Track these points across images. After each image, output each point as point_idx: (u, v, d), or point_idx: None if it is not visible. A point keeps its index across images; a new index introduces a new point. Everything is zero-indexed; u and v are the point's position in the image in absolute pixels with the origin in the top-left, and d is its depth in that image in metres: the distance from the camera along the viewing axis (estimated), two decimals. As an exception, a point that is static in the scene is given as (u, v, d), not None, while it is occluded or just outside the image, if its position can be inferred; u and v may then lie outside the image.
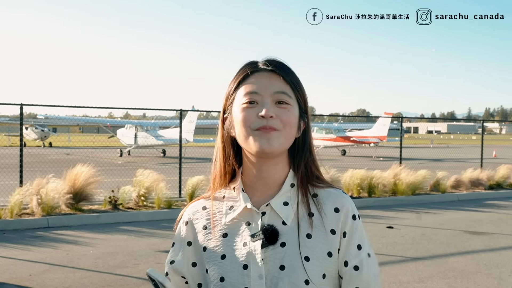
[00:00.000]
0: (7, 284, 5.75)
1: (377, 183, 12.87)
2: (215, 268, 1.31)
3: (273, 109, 1.28)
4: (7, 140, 36.03)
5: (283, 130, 1.28)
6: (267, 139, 1.26)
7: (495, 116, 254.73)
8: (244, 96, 1.31)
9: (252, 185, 1.35)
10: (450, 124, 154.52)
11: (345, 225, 1.30)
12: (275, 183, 1.34)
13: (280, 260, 1.27)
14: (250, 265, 1.27)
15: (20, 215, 9.26)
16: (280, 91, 1.30)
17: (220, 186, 1.40)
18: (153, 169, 11.55)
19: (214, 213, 1.37)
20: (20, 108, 10.64)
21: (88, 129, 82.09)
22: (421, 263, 6.80)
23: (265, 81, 1.31)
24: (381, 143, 33.41)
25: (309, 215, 1.30)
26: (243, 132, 1.29)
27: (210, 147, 15.66)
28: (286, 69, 1.34)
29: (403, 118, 20.07)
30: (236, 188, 1.37)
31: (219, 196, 1.40)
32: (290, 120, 1.29)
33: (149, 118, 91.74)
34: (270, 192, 1.33)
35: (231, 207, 1.36)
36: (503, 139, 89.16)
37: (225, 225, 1.34)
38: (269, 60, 1.34)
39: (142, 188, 10.64)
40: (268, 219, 1.30)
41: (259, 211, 1.31)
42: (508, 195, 14.28)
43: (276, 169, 1.34)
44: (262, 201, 1.33)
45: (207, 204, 1.41)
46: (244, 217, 1.33)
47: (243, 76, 1.34)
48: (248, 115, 1.28)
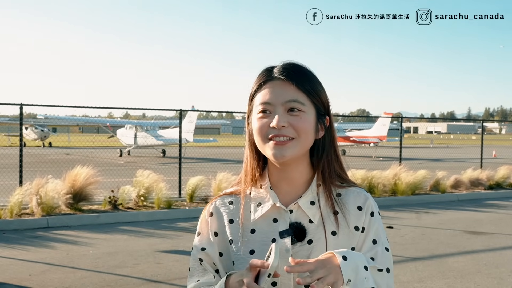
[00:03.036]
0: (7, 284, 5.75)
1: (377, 183, 12.89)
2: (243, 262, 1.36)
3: (285, 118, 1.32)
4: (7, 140, 36.03)
5: (298, 138, 1.33)
6: (281, 150, 1.32)
7: (495, 116, 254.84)
8: (259, 106, 1.36)
9: (277, 184, 1.41)
10: (450, 124, 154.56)
11: (365, 221, 1.38)
12: (299, 183, 1.40)
13: (307, 256, 1.33)
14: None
15: (20, 215, 9.26)
16: (291, 100, 1.34)
17: (249, 184, 1.45)
18: (153, 169, 11.56)
19: (243, 210, 1.43)
20: (20, 108, 10.64)
21: (88, 129, 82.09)
22: (421, 263, 6.80)
23: (278, 90, 1.35)
24: (381, 143, 33.39)
25: (334, 214, 1.37)
26: (259, 141, 1.36)
27: (210, 147, 15.75)
28: (300, 76, 1.36)
29: (403, 118, 20.07)
30: (263, 186, 1.42)
31: (247, 194, 1.45)
32: (304, 127, 1.33)
33: (149, 118, 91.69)
34: (295, 191, 1.40)
35: (259, 204, 1.41)
36: (503, 139, 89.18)
37: (253, 221, 1.40)
38: (284, 67, 1.37)
39: (142, 188, 10.64)
40: (295, 217, 1.37)
41: (287, 209, 1.38)
42: (508, 195, 14.28)
43: (300, 170, 1.40)
44: (288, 200, 1.39)
45: (233, 199, 1.46)
46: (271, 215, 1.39)
47: (258, 85, 1.39)
48: (262, 126, 1.34)
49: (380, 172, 13.32)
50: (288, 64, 1.38)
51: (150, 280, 5.97)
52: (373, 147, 34.03)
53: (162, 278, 6.03)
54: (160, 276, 6.08)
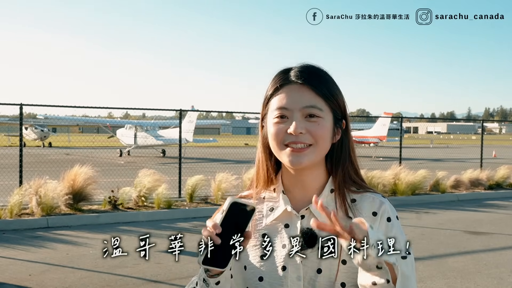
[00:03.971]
0: (7, 284, 5.75)
1: (377, 183, 12.89)
2: (254, 267, 1.34)
3: (302, 124, 1.28)
4: (7, 140, 36.00)
5: (315, 144, 1.30)
6: (298, 157, 1.29)
7: (494, 116, 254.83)
8: (275, 111, 1.32)
9: (291, 188, 1.38)
10: (450, 124, 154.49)
11: (380, 228, 1.31)
12: (313, 188, 1.36)
13: (317, 263, 1.28)
14: (288, 267, 1.30)
15: (19, 215, 9.26)
16: (309, 105, 1.29)
17: (262, 188, 1.42)
18: (153, 169, 11.55)
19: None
20: (20, 108, 10.64)
21: (87, 129, 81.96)
22: (421, 263, 6.80)
23: (295, 95, 1.30)
24: (381, 143, 33.41)
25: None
26: (275, 147, 1.32)
27: (209, 147, 15.71)
28: (318, 79, 1.32)
29: (403, 118, 20.07)
30: (276, 190, 1.39)
31: (260, 197, 1.42)
32: (322, 134, 1.30)
33: (149, 118, 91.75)
34: (309, 196, 1.33)
35: (271, 209, 1.38)
36: (503, 139, 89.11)
37: (265, 226, 1.37)
38: (301, 70, 1.33)
39: (142, 189, 10.64)
40: (306, 223, 1.32)
41: (298, 215, 1.34)
42: (507, 195, 14.29)
43: (314, 175, 1.36)
44: (301, 205, 1.35)
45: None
46: (283, 219, 1.36)
47: (275, 88, 1.34)
48: (279, 131, 1.30)
49: (380, 172, 13.32)
50: (305, 67, 1.33)
51: (150, 280, 5.97)
52: (373, 147, 34.03)
53: (162, 278, 6.03)
54: (160, 276, 6.08)
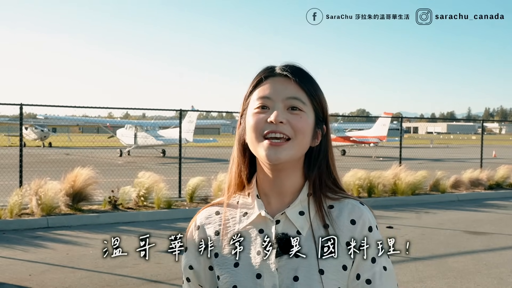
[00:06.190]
0: (7, 284, 5.75)
1: (377, 183, 12.88)
2: (227, 276, 1.28)
3: (284, 115, 1.24)
4: (7, 140, 36.01)
5: (294, 138, 1.24)
6: (275, 151, 1.22)
7: (494, 116, 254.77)
8: (257, 101, 1.28)
9: (267, 192, 1.31)
10: (449, 124, 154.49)
11: (360, 237, 1.25)
12: (290, 192, 1.30)
13: (294, 271, 1.23)
14: (263, 275, 1.24)
15: (19, 215, 9.26)
16: (292, 97, 1.26)
17: (234, 192, 1.36)
18: (153, 169, 11.57)
19: (227, 220, 1.33)
20: (20, 108, 10.64)
21: (88, 129, 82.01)
22: (421, 263, 6.80)
23: (279, 86, 1.27)
24: (381, 143, 33.39)
25: (324, 227, 1.26)
26: (252, 139, 1.26)
27: (209, 147, 15.79)
28: (302, 75, 1.29)
29: (403, 118, 20.08)
30: (251, 195, 1.33)
31: (233, 202, 1.36)
32: (302, 127, 1.25)
33: (149, 118, 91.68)
34: (285, 200, 1.30)
35: (245, 214, 1.32)
36: (503, 139, 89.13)
37: (238, 232, 1.30)
38: (286, 65, 1.30)
39: (142, 189, 10.64)
40: (282, 228, 1.27)
41: (273, 219, 1.28)
42: (507, 195, 14.29)
43: (291, 178, 1.30)
44: (277, 209, 1.29)
45: (220, 209, 1.36)
46: (257, 225, 1.29)
47: (258, 80, 1.31)
48: (259, 120, 1.25)
49: (380, 172, 13.32)
50: (292, 64, 1.31)
51: (150, 280, 5.97)
52: (373, 147, 34.05)
53: (162, 278, 6.03)
54: (160, 276, 6.08)
